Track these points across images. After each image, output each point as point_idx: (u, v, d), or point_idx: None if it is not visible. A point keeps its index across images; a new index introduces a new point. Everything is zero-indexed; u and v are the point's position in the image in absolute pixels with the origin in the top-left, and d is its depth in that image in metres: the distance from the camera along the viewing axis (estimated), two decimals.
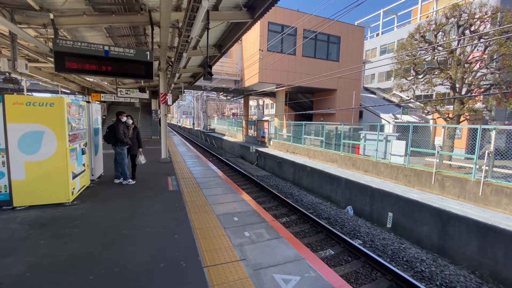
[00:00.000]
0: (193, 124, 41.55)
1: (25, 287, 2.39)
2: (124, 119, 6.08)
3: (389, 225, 7.14)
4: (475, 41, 9.95)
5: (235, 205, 4.75)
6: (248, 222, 3.97)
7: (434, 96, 17.98)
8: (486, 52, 10.21)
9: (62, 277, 2.54)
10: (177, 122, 69.11)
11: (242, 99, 27.00)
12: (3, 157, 4.12)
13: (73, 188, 4.72)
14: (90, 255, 2.95)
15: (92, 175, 6.14)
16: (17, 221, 3.80)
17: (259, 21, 6.40)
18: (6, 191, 4.20)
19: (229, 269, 2.70)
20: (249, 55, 18.85)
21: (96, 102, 13.38)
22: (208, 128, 35.67)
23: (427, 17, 21.04)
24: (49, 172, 4.36)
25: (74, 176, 4.79)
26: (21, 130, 4.14)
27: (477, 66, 10.34)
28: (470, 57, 10.53)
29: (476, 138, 6.82)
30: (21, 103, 4.11)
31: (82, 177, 5.29)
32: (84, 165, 5.41)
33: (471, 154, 7.08)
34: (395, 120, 18.84)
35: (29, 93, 16.36)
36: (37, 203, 4.38)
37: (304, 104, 25.02)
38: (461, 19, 10.32)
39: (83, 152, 5.30)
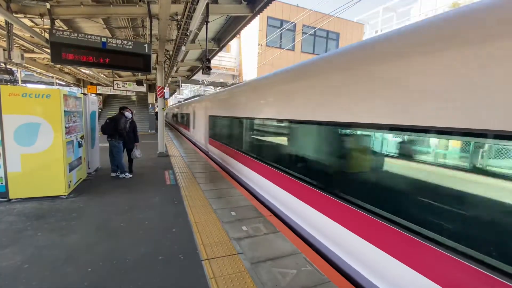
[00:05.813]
0: None
1: (22, 278, 2.40)
2: (127, 114, 6.07)
3: None
4: None
5: (232, 199, 4.77)
6: (246, 216, 4.00)
7: None
8: None
9: (60, 269, 2.55)
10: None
11: None
12: None
13: (70, 181, 4.70)
14: (88, 247, 2.96)
15: (89, 168, 6.11)
16: (14, 213, 3.78)
17: (258, 16, 6.36)
18: (2, 183, 4.18)
19: (228, 262, 2.73)
20: (247, 50, 18.73)
21: (93, 94, 13.24)
22: None
23: (426, 15, 21.03)
24: (45, 164, 4.33)
25: (71, 169, 4.77)
26: (17, 122, 4.10)
27: None
28: None
29: None
30: (17, 94, 4.06)
31: (79, 170, 5.26)
32: (81, 158, 5.38)
33: None
34: None
35: (23, 84, 16.09)
36: (33, 195, 4.36)
37: None
38: None
39: (79, 145, 5.26)
